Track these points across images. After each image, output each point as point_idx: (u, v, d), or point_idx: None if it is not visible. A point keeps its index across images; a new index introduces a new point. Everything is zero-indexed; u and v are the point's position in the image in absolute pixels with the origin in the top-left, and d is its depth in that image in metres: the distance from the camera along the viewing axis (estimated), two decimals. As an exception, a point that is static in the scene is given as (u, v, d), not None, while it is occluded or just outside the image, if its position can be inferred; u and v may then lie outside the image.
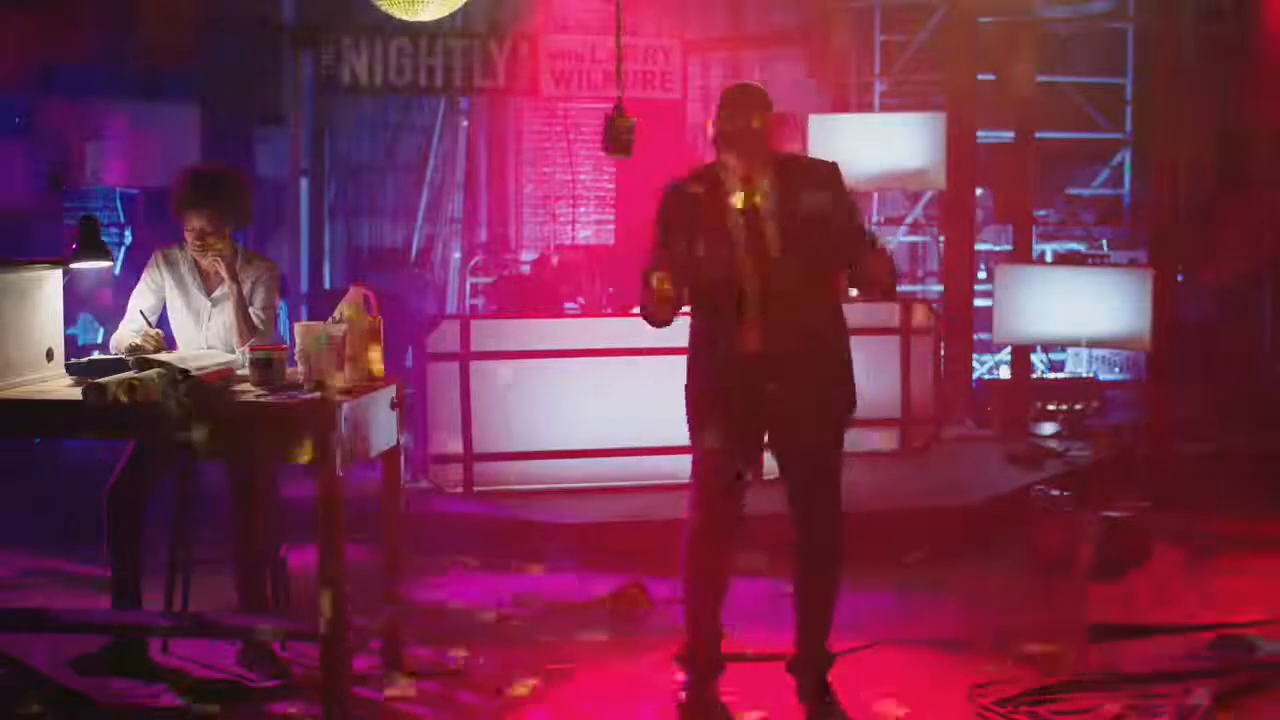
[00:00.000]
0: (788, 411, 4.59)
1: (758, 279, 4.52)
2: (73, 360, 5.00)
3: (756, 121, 4.56)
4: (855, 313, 8.57)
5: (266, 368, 4.66)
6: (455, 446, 7.32)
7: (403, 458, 5.17)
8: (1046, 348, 10.64)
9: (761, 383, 4.55)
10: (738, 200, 4.54)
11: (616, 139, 7.16)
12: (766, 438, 4.70)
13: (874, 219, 11.71)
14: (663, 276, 4.43)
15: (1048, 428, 9.03)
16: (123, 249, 9.27)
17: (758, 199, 4.55)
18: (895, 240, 11.59)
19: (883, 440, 8.31)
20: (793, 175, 4.62)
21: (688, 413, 4.72)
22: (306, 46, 10.06)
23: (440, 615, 5.79)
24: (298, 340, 4.74)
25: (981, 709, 4.80)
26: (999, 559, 6.77)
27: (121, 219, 9.48)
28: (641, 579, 6.06)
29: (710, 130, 4.63)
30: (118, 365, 4.77)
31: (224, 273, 5.25)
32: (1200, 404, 9.60)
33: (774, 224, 4.55)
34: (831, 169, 4.70)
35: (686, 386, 4.72)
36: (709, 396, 4.64)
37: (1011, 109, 10.29)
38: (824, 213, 4.56)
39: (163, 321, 5.37)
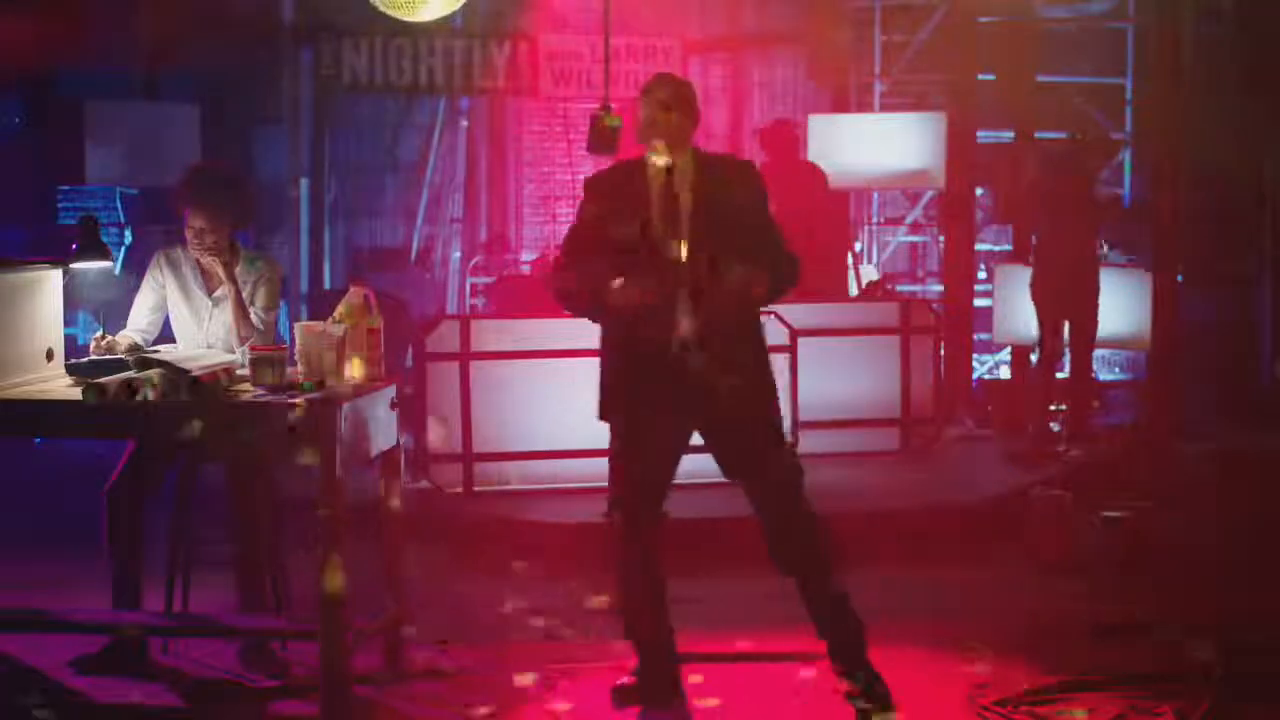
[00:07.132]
0: (715, 401, 4.58)
1: (675, 264, 4.54)
2: (73, 360, 5.00)
3: (672, 111, 4.62)
4: (856, 312, 8.74)
5: (266, 368, 4.66)
6: (455, 446, 7.32)
7: (403, 458, 5.16)
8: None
9: (686, 369, 4.56)
10: (658, 159, 4.58)
11: (601, 138, 7.14)
12: (698, 438, 4.73)
13: (874, 219, 11.72)
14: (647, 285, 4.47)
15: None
16: (123, 249, 9.27)
17: (675, 168, 4.59)
18: (895, 240, 11.60)
19: (883, 440, 8.33)
20: (713, 168, 4.69)
21: (604, 404, 4.78)
22: (306, 46, 10.06)
23: (440, 615, 5.79)
24: (298, 340, 4.74)
25: (981, 709, 4.79)
26: (999, 559, 6.77)
27: (121, 219, 9.48)
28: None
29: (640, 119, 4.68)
30: (118, 365, 4.77)
31: (222, 273, 5.24)
32: (1200, 404, 9.60)
33: (689, 212, 4.58)
34: (750, 167, 4.82)
35: (603, 381, 4.77)
36: (632, 389, 4.68)
37: (1011, 109, 10.29)
38: (739, 207, 4.62)
39: (166, 321, 5.38)
